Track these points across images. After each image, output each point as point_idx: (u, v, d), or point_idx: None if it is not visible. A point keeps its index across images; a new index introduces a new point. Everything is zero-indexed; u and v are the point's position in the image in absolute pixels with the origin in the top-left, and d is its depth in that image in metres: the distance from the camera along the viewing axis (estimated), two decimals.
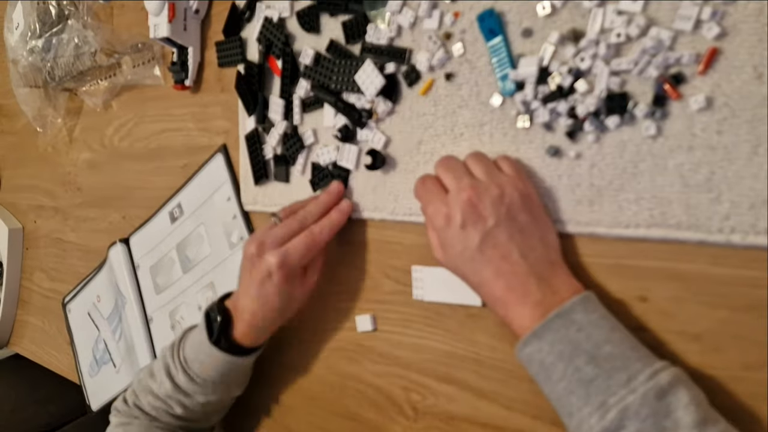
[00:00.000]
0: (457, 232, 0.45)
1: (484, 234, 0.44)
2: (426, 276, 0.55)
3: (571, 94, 0.45)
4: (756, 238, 0.38)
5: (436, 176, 0.49)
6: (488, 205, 0.44)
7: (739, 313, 0.40)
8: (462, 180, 0.45)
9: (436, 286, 0.54)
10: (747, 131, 0.38)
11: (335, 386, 0.63)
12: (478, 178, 0.46)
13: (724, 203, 0.39)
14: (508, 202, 0.44)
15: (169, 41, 0.71)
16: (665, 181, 0.41)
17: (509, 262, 0.43)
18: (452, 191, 0.46)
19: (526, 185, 0.46)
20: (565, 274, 0.44)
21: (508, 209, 0.44)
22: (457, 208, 0.44)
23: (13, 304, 1.17)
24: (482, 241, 0.44)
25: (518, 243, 0.43)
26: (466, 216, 0.44)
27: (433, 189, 0.47)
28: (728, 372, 0.40)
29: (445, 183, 0.47)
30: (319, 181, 0.61)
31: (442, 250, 0.47)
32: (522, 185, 0.45)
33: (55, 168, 1.06)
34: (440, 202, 0.46)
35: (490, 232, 0.44)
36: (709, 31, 0.39)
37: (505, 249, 0.43)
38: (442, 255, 0.47)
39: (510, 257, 0.43)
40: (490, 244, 0.44)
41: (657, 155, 0.42)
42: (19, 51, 0.95)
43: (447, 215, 0.45)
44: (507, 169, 0.47)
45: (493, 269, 0.44)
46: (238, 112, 0.69)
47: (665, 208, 0.41)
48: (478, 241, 0.44)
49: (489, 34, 0.48)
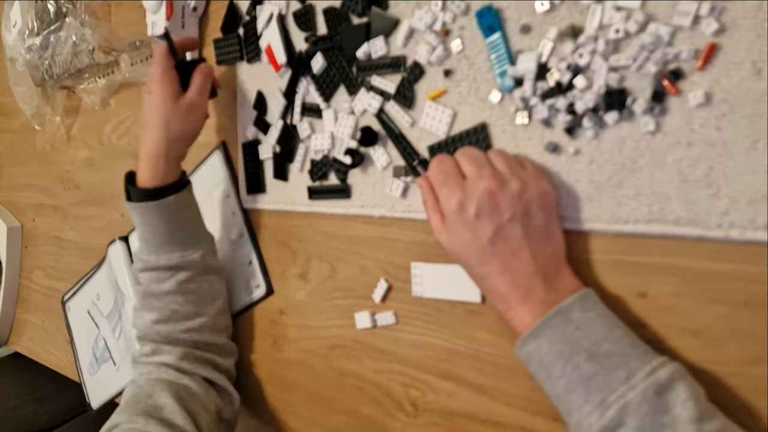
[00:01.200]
0: (470, 220, 0.44)
1: (498, 227, 0.43)
2: (425, 273, 0.55)
3: (570, 90, 0.44)
4: (755, 233, 0.38)
5: (455, 159, 0.47)
6: (508, 198, 0.43)
7: (738, 308, 0.40)
8: (484, 169, 0.44)
9: (436, 282, 0.54)
10: (745, 127, 0.38)
11: (335, 383, 0.64)
12: (499, 170, 0.45)
13: (722, 199, 0.39)
14: (527, 198, 0.43)
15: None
16: (664, 177, 0.41)
17: (519, 260, 0.43)
18: (471, 178, 0.44)
19: (546, 184, 0.45)
20: (568, 274, 0.44)
21: (526, 206, 0.43)
22: (474, 196, 0.43)
23: (12, 302, 1.17)
24: (495, 233, 0.43)
25: (530, 241, 0.43)
26: (482, 205, 0.43)
27: (450, 171, 0.46)
28: (728, 367, 0.40)
29: (464, 169, 0.46)
30: (318, 177, 0.62)
31: (447, 234, 0.46)
32: (543, 183, 0.45)
33: (54, 166, 1.05)
34: (456, 186, 0.45)
35: (504, 226, 0.43)
36: (707, 26, 0.39)
37: (517, 245, 0.43)
38: (447, 239, 0.46)
39: (520, 254, 0.43)
40: (502, 238, 0.43)
41: (656, 151, 0.42)
42: (17, 49, 0.95)
43: (461, 201, 0.44)
44: (529, 167, 0.46)
45: (501, 264, 0.43)
46: (236, 110, 0.69)
47: (664, 204, 0.41)
48: (491, 233, 0.43)
49: (488, 31, 0.48)
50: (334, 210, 0.61)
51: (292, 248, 0.67)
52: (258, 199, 0.68)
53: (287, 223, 0.67)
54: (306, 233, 0.65)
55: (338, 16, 0.57)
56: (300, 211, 0.64)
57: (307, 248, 0.65)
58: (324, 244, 0.63)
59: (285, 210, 0.66)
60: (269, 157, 0.66)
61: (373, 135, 0.56)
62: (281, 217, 0.67)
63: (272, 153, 0.65)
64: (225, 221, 0.73)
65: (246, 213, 0.71)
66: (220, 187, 0.73)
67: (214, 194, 0.74)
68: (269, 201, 0.67)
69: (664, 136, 0.41)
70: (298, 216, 0.65)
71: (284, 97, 0.63)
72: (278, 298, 0.69)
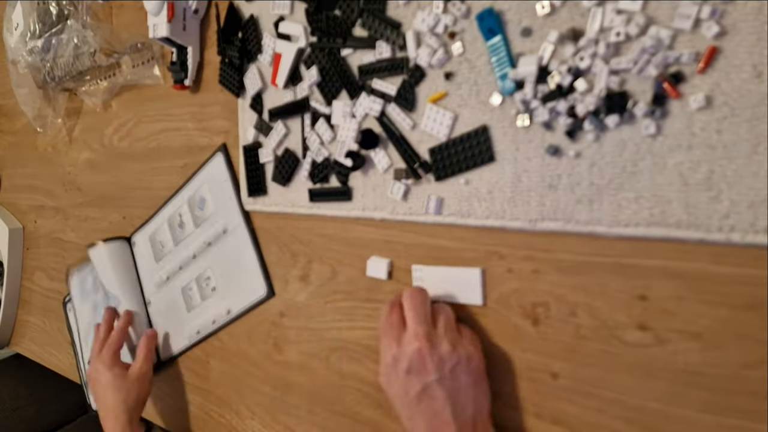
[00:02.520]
0: (401, 375, 0.47)
1: (425, 386, 0.46)
2: (426, 275, 0.55)
3: (571, 93, 0.45)
4: (755, 236, 0.38)
5: (401, 308, 0.51)
6: (436, 359, 0.46)
7: (739, 311, 0.40)
8: (420, 326, 0.48)
9: (437, 285, 0.54)
10: (746, 130, 0.38)
11: (336, 385, 0.64)
12: (436, 328, 0.49)
13: (723, 202, 0.39)
14: (455, 360, 0.47)
15: (169, 41, 0.71)
16: (665, 180, 0.41)
17: (440, 419, 0.46)
18: (408, 334, 0.48)
19: (477, 349, 0.49)
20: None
21: (453, 368, 0.47)
22: (406, 353, 0.47)
23: (13, 304, 1.17)
24: (421, 391, 0.46)
25: (453, 402, 0.46)
26: (412, 363, 0.47)
27: (394, 324, 0.50)
28: (728, 370, 0.40)
29: (406, 320, 0.50)
30: (319, 179, 0.62)
31: (386, 380, 0.50)
32: (472, 348, 0.48)
33: (55, 168, 1.06)
34: (394, 340, 0.49)
35: (430, 385, 0.46)
36: (708, 29, 0.39)
37: (440, 405, 0.46)
38: (385, 384, 0.50)
39: (442, 414, 0.46)
40: (427, 396, 0.46)
41: (656, 154, 0.42)
42: (19, 51, 0.96)
43: (396, 356, 0.48)
44: (465, 332, 0.50)
45: (425, 421, 0.46)
46: (238, 112, 0.69)
47: (665, 207, 0.41)
48: (418, 390, 0.47)
49: (488, 34, 0.48)
50: (335, 212, 0.61)
51: (292, 250, 0.67)
52: (259, 202, 0.68)
53: (288, 225, 0.67)
54: (307, 236, 0.65)
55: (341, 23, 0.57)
56: (301, 213, 0.64)
57: (307, 250, 0.65)
58: (325, 247, 0.63)
59: (286, 212, 0.66)
60: (270, 160, 0.66)
61: (374, 137, 0.56)
62: (282, 219, 0.67)
63: (273, 156, 0.65)
64: (226, 223, 0.73)
65: (247, 215, 0.71)
66: (222, 188, 0.73)
67: (217, 196, 0.74)
68: (270, 203, 0.67)
69: (665, 139, 0.41)
70: (298, 218, 0.65)
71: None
72: (279, 301, 0.69)
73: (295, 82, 0.62)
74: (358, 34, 0.56)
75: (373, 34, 0.55)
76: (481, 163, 0.50)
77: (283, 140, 0.64)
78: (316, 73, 0.59)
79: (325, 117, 0.60)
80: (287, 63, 0.62)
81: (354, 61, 0.57)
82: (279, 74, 0.63)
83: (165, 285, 0.83)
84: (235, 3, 0.68)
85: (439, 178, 0.52)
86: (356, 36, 0.57)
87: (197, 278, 0.78)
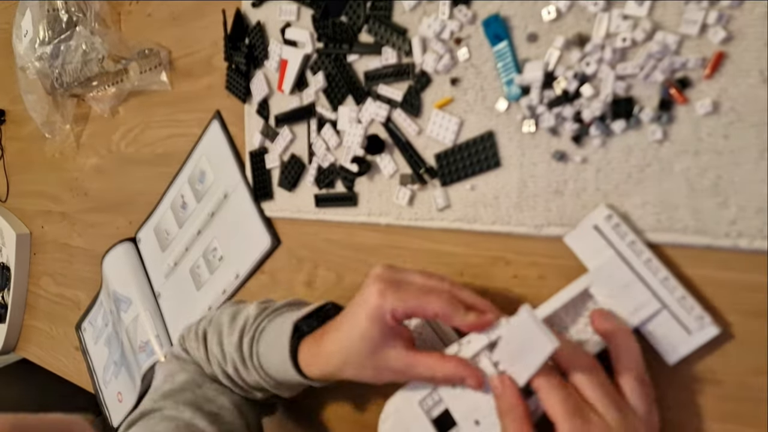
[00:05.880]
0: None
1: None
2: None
3: (577, 98, 0.44)
4: (763, 242, 0.38)
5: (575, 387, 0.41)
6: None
7: (745, 317, 0.39)
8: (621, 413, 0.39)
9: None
10: (754, 135, 0.38)
11: (338, 386, 0.63)
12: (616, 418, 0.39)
13: (730, 208, 0.39)
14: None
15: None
16: (671, 186, 0.41)
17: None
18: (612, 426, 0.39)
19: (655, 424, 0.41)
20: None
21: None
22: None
23: (20, 309, 1.18)
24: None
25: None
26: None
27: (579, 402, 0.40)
28: (734, 377, 0.40)
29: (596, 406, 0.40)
30: (324, 184, 0.62)
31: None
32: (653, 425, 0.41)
33: (63, 173, 1.06)
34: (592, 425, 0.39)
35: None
36: (715, 35, 0.39)
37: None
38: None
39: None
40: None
41: (663, 160, 0.41)
42: (28, 58, 0.96)
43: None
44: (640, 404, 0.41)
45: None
46: (245, 118, 0.70)
47: (672, 213, 0.41)
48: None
49: (494, 39, 0.48)
50: (341, 218, 0.61)
51: (298, 256, 0.67)
52: (265, 207, 0.68)
53: (293, 230, 0.67)
54: (312, 241, 0.65)
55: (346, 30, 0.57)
56: (307, 218, 0.64)
57: (313, 256, 0.65)
58: (330, 252, 0.63)
59: (292, 218, 0.66)
60: (276, 165, 0.66)
61: (380, 143, 0.56)
62: (287, 224, 0.67)
63: (279, 162, 0.65)
64: (228, 192, 0.74)
65: (244, 170, 0.71)
66: (220, 151, 0.74)
67: (216, 164, 0.75)
68: (276, 209, 0.67)
69: (672, 145, 0.41)
70: (304, 223, 0.65)
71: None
72: None
73: (302, 87, 0.62)
74: (364, 40, 0.57)
75: (379, 40, 0.55)
76: (487, 169, 0.50)
77: (289, 146, 0.65)
78: (322, 79, 0.60)
79: (331, 122, 0.60)
80: (293, 69, 0.62)
81: (360, 67, 0.58)
82: (285, 80, 0.63)
83: (173, 272, 0.82)
84: (242, 9, 0.68)
85: (445, 184, 0.52)
86: (362, 42, 0.57)
87: (204, 253, 0.77)
